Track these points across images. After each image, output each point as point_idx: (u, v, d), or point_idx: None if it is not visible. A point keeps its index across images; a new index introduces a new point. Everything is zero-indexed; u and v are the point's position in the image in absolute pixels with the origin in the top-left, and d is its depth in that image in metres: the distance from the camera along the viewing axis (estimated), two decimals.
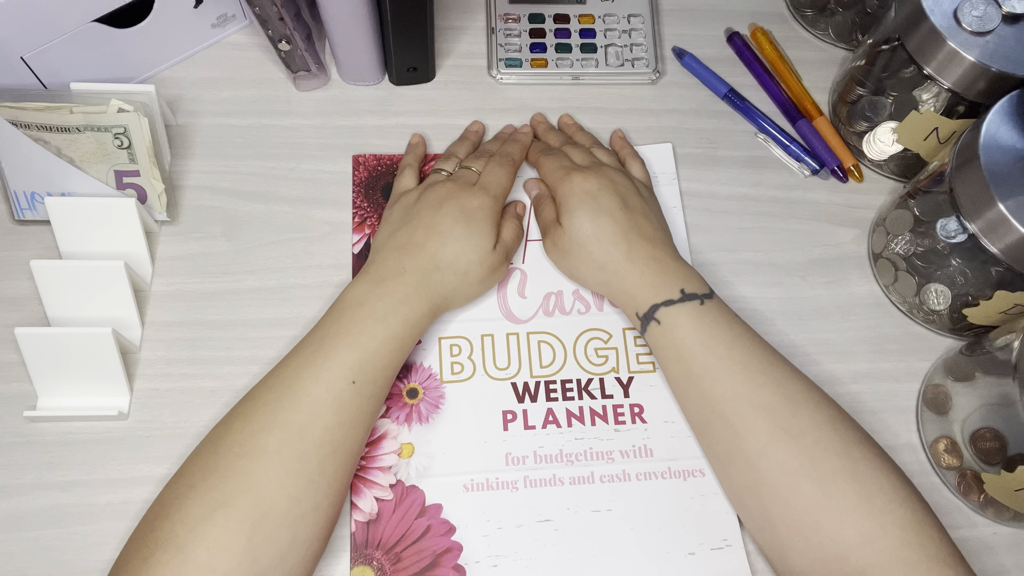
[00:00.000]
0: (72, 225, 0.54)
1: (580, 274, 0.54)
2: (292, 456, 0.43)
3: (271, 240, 0.57)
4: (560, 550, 0.50)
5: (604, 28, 0.65)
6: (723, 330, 0.49)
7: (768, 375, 0.47)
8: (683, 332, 0.49)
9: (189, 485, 0.43)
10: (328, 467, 0.45)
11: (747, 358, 0.48)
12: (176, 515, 0.41)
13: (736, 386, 0.47)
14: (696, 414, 0.50)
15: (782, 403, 0.46)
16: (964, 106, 0.53)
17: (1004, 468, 0.48)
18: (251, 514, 0.41)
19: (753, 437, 0.46)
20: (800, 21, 0.68)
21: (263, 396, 0.46)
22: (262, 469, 0.43)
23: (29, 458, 0.50)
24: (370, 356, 0.47)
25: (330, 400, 0.45)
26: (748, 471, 0.46)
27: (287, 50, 0.58)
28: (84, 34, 0.55)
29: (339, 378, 0.46)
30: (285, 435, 0.44)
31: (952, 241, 0.51)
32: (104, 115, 0.53)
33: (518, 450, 0.52)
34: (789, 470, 0.44)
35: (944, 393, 0.53)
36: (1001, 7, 0.50)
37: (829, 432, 0.45)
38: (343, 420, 0.46)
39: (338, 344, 0.47)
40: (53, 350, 0.50)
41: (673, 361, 0.50)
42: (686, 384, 0.49)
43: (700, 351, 0.48)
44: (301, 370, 0.46)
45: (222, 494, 0.42)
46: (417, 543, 0.49)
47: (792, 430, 0.45)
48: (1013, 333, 0.48)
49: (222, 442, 0.44)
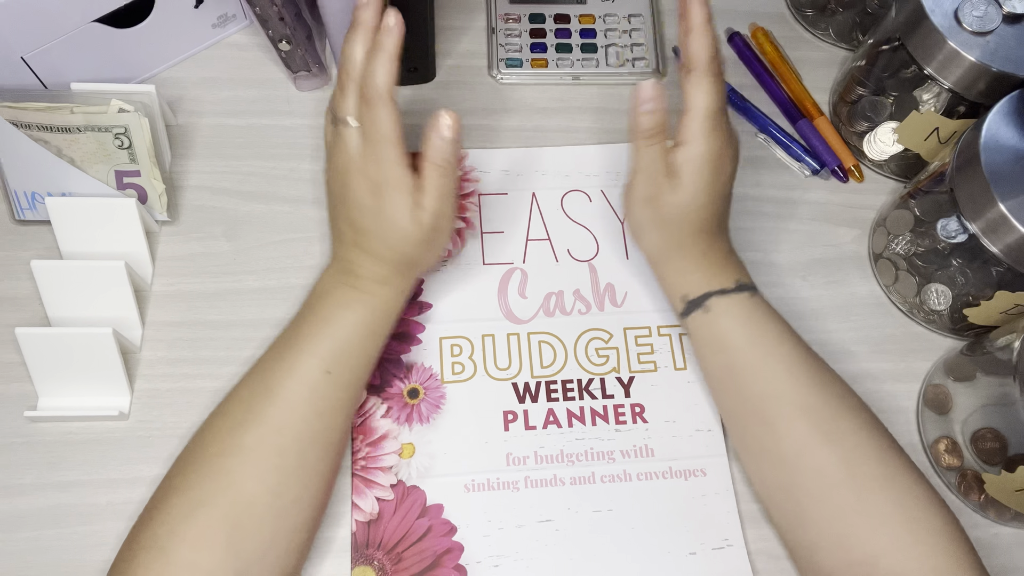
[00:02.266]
0: (72, 225, 0.54)
1: (653, 242, 0.50)
2: (270, 451, 0.44)
3: (271, 240, 0.57)
4: (561, 550, 0.50)
5: (605, 28, 0.65)
6: (770, 326, 0.48)
7: (810, 376, 0.47)
8: (731, 324, 0.48)
9: (169, 487, 0.43)
10: (308, 459, 0.45)
11: (792, 356, 0.47)
12: (158, 517, 0.42)
13: (779, 384, 0.46)
14: (732, 408, 0.49)
15: (823, 406, 0.46)
16: (964, 106, 0.53)
17: (1005, 468, 0.48)
18: (231, 511, 0.42)
19: (792, 438, 0.45)
20: (800, 21, 0.68)
21: (240, 393, 0.46)
22: (240, 466, 0.43)
23: (29, 458, 0.50)
24: (342, 345, 0.46)
25: (305, 392, 0.45)
26: (783, 471, 0.46)
27: (287, 50, 0.58)
28: (84, 34, 0.55)
29: (312, 369, 0.45)
30: (262, 430, 0.44)
31: (952, 241, 0.51)
32: (104, 115, 0.53)
33: (519, 450, 0.52)
34: (826, 473, 0.44)
35: (944, 393, 0.53)
36: (1002, 7, 0.50)
37: (866, 438, 0.45)
38: (320, 411, 0.45)
39: (310, 336, 0.47)
40: (53, 350, 0.50)
41: (715, 352, 0.49)
42: (725, 377, 0.48)
43: (746, 345, 0.47)
44: (275, 364, 0.46)
45: (201, 493, 0.42)
46: (418, 543, 0.49)
47: (832, 433, 0.45)
48: (1014, 333, 0.48)
49: (201, 442, 0.45)
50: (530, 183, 0.60)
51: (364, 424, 0.52)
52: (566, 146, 0.62)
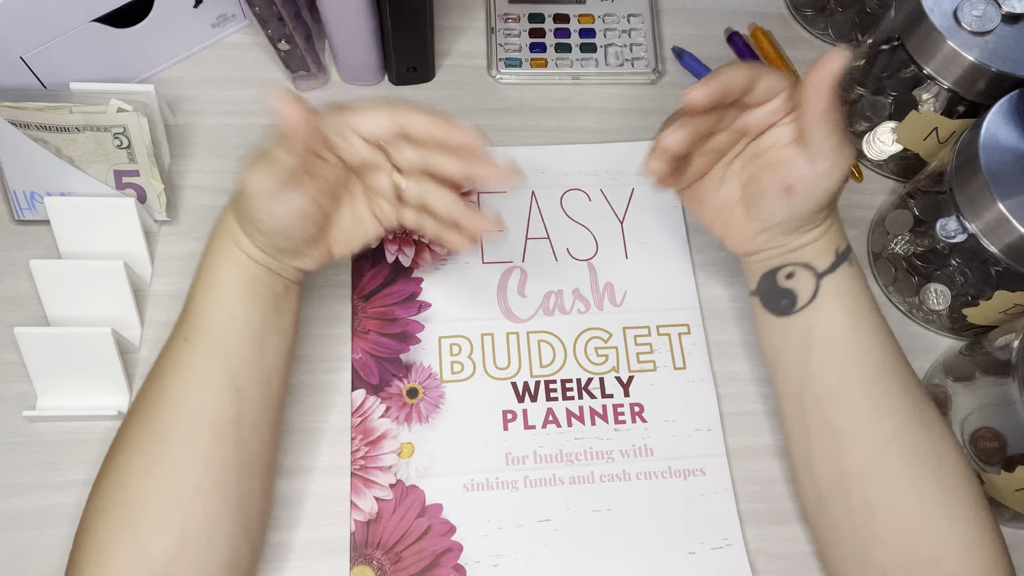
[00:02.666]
0: (72, 225, 0.54)
1: (791, 224, 0.45)
2: (151, 440, 0.42)
3: None
4: (560, 550, 0.50)
5: (604, 28, 0.65)
6: (868, 293, 0.46)
7: (905, 357, 0.46)
8: (862, 282, 0.46)
9: (81, 547, 0.41)
10: (190, 439, 0.42)
11: (888, 329, 0.46)
12: (75, 545, 0.41)
13: (892, 356, 0.45)
14: (832, 378, 0.45)
15: (919, 389, 0.45)
16: (964, 106, 0.53)
17: (1004, 468, 0.48)
18: (127, 511, 0.40)
19: (893, 415, 0.43)
20: (800, 21, 0.68)
21: (136, 399, 0.45)
22: (126, 462, 0.42)
23: (29, 458, 0.50)
24: (193, 306, 0.44)
25: (169, 365, 0.43)
26: (874, 450, 0.43)
27: (287, 50, 0.58)
28: (84, 34, 0.55)
29: (173, 339, 0.44)
30: (141, 417, 0.43)
31: (952, 241, 0.51)
32: (103, 115, 0.53)
33: (518, 450, 0.52)
34: (916, 459, 0.43)
35: (944, 393, 0.53)
36: (1001, 7, 0.50)
37: (944, 429, 0.44)
38: (188, 384, 0.43)
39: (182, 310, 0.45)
40: (53, 350, 0.50)
41: (845, 312, 0.45)
42: (844, 340, 0.44)
43: (873, 305, 0.46)
44: (160, 356, 0.45)
45: (98, 501, 0.41)
46: (417, 543, 0.49)
47: (925, 420, 0.44)
48: (1013, 333, 0.48)
49: (100, 507, 0.42)
50: (529, 182, 0.60)
51: (363, 424, 0.52)
52: (565, 145, 0.62)
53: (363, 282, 0.56)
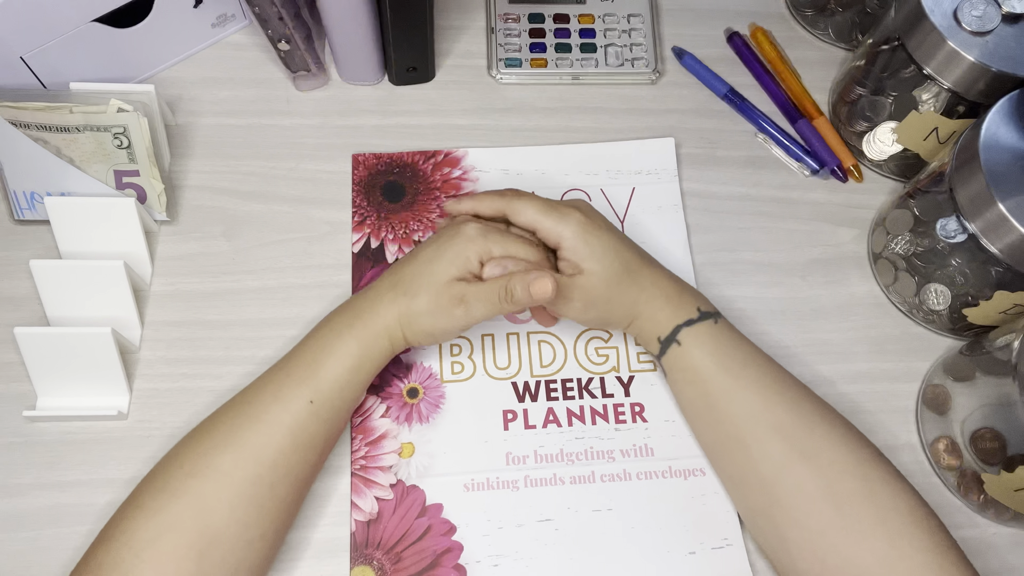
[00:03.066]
0: (72, 225, 0.54)
1: (613, 314, 0.50)
2: (244, 479, 0.43)
3: (271, 240, 0.57)
4: (561, 550, 0.50)
5: (604, 28, 0.65)
6: (736, 349, 0.49)
7: (782, 395, 0.47)
8: (701, 352, 0.48)
9: (137, 506, 0.42)
10: (279, 491, 0.44)
11: (760, 377, 0.47)
12: (122, 537, 0.41)
13: (751, 406, 0.47)
14: (711, 436, 0.49)
15: (796, 423, 0.46)
16: (964, 106, 0.53)
17: (1004, 468, 0.48)
18: (199, 539, 0.41)
19: (768, 459, 0.45)
20: (800, 21, 0.68)
21: (222, 415, 0.45)
22: (213, 490, 0.42)
23: (29, 458, 0.50)
24: (327, 375, 0.46)
25: (287, 420, 0.45)
26: (763, 493, 0.46)
27: (287, 50, 0.58)
28: (84, 34, 0.55)
29: (297, 397, 0.45)
30: (239, 455, 0.43)
31: (952, 241, 0.51)
32: (104, 115, 0.53)
33: (518, 449, 0.52)
34: (804, 492, 0.44)
35: (944, 393, 0.53)
36: (1001, 7, 0.50)
37: (844, 452, 0.45)
38: (299, 443, 0.45)
39: (299, 362, 0.47)
40: (53, 350, 0.50)
41: (688, 383, 0.49)
42: (701, 406, 0.49)
43: (716, 371, 0.48)
44: (260, 390, 0.46)
45: (170, 517, 0.41)
46: (418, 543, 0.49)
47: (807, 451, 0.45)
48: (1013, 333, 0.48)
49: (174, 461, 0.44)
50: (529, 182, 0.60)
51: (363, 424, 0.52)
52: (565, 145, 0.62)
53: (363, 282, 0.56)
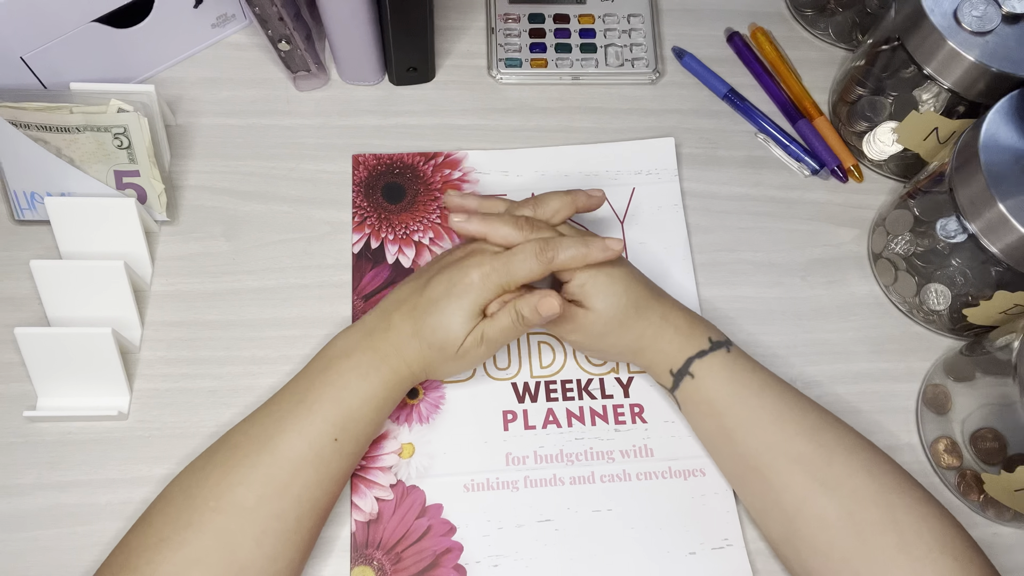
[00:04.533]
0: (72, 225, 0.54)
1: (616, 348, 0.50)
2: (270, 514, 0.43)
3: (271, 240, 0.57)
4: (561, 550, 0.50)
5: (604, 28, 0.65)
6: (750, 378, 0.48)
7: (799, 423, 0.46)
8: (715, 383, 0.48)
9: (160, 538, 0.41)
10: (304, 524, 0.44)
11: (777, 406, 0.47)
12: (146, 568, 0.40)
13: (768, 437, 0.46)
14: (732, 468, 0.49)
15: (816, 452, 0.45)
16: (964, 106, 0.53)
17: (1004, 468, 0.48)
18: (225, 573, 0.41)
19: (789, 491, 0.45)
20: (800, 21, 0.68)
21: (244, 447, 0.45)
22: (239, 526, 0.42)
23: (29, 458, 0.50)
24: (352, 414, 0.46)
25: (312, 457, 0.44)
26: (785, 523, 0.45)
27: (287, 50, 0.58)
28: (84, 34, 0.55)
29: (322, 434, 0.45)
30: (264, 491, 0.43)
31: (952, 241, 0.51)
32: (104, 115, 0.53)
33: (518, 450, 0.52)
34: (826, 522, 0.44)
35: (944, 393, 0.53)
36: (1001, 7, 0.50)
37: (866, 480, 0.44)
38: (323, 478, 0.45)
39: (322, 397, 0.46)
40: (53, 350, 0.50)
41: (705, 416, 0.49)
42: (720, 439, 0.49)
43: (732, 402, 0.47)
44: (284, 422, 0.45)
45: (196, 551, 0.41)
46: (418, 543, 0.49)
47: (828, 481, 0.44)
48: (1013, 333, 0.48)
49: (197, 493, 0.43)
50: (530, 184, 0.60)
51: None
52: (566, 146, 0.62)
53: (363, 282, 0.56)
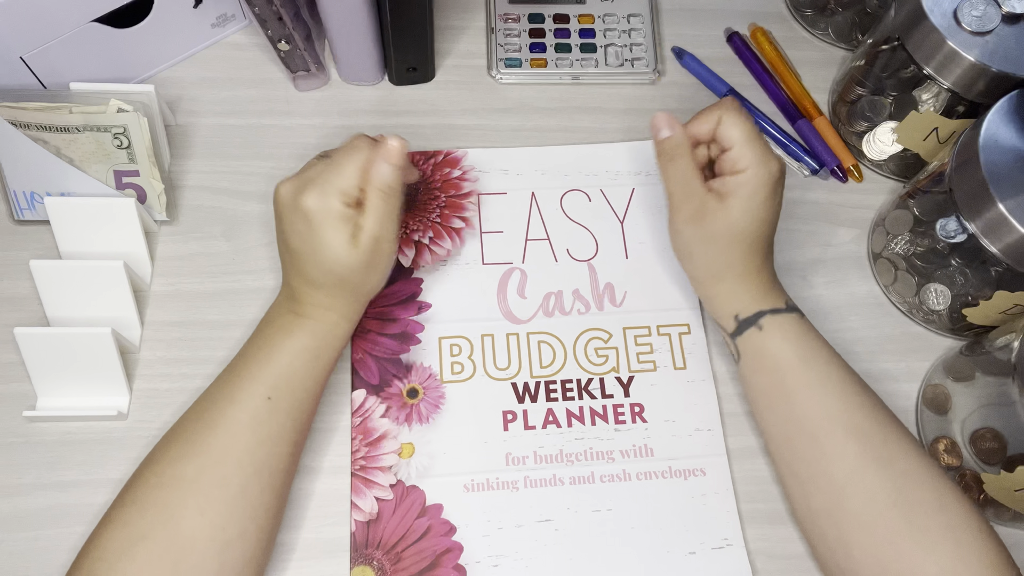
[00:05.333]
0: (72, 225, 0.54)
1: (704, 261, 0.49)
2: (211, 482, 0.43)
3: (270, 240, 0.57)
4: (560, 550, 0.50)
5: (604, 28, 0.65)
6: (820, 345, 0.48)
7: (862, 398, 0.46)
8: (784, 342, 0.47)
9: (108, 520, 0.42)
10: (252, 490, 0.44)
11: (844, 377, 0.47)
12: (95, 552, 0.41)
13: (831, 405, 0.46)
14: (781, 429, 0.48)
15: (874, 428, 0.45)
16: (964, 106, 0.53)
17: (1004, 468, 0.48)
18: (171, 546, 0.41)
19: (843, 460, 0.45)
20: (800, 21, 0.68)
21: (183, 423, 0.45)
22: (179, 498, 0.42)
23: (29, 458, 0.50)
24: (283, 370, 0.46)
25: (246, 419, 0.44)
26: (831, 494, 0.45)
27: (287, 50, 0.58)
28: (84, 34, 0.55)
29: (253, 395, 0.45)
30: (202, 461, 0.43)
31: (952, 241, 0.51)
32: (103, 115, 0.53)
33: (518, 450, 0.52)
34: (875, 498, 0.43)
35: (944, 393, 0.53)
36: (1001, 7, 0.50)
37: (917, 463, 0.44)
38: (262, 439, 0.45)
39: (250, 363, 0.46)
40: (53, 350, 0.50)
41: (766, 372, 0.48)
42: (776, 397, 0.48)
43: (798, 363, 0.47)
44: (216, 394, 0.46)
45: (140, 527, 0.41)
46: (417, 543, 0.49)
47: (882, 457, 0.44)
48: (1013, 333, 0.48)
49: (141, 475, 0.44)
50: (529, 183, 0.60)
51: (363, 424, 0.52)
52: (565, 145, 0.62)
53: None
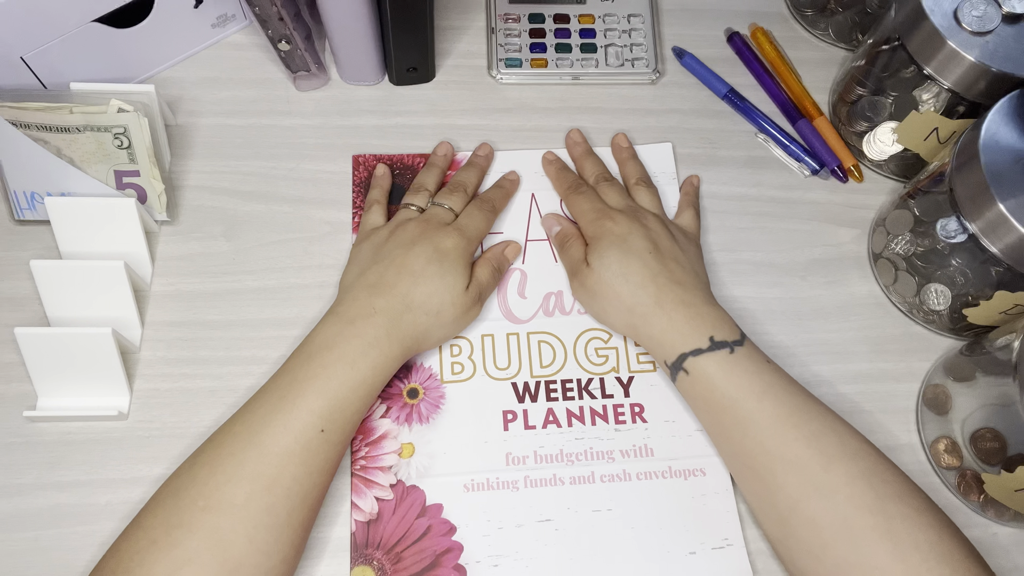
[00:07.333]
0: (72, 225, 0.54)
1: (608, 317, 0.53)
2: (260, 509, 0.43)
3: (271, 240, 0.57)
4: (560, 550, 0.50)
5: (604, 28, 0.65)
6: (752, 381, 0.47)
7: (799, 429, 0.46)
8: (712, 383, 0.48)
9: (151, 540, 0.41)
10: (296, 517, 0.44)
11: (777, 411, 0.47)
12: (139, 571, 0.40)
13: (765, 440, 0.46)
14: (730, 463, 0.50)
15: (814, 458, 0.45)
16: (964, 106, 0.53)
17: (1004, 468, 0.48)
18: (219, 571, 0.41)
19: (783, 493, 0.45)
20: (800, 21, 0.68)
21: (229, 445, 0.44)
22: (229, 524, 0.42)
23: (29, 458, 0.50)
24: (339, 403, 0.46)
25: (298, 450, 0.44)
26: (779, 525, 0.46)
27: (287, 50, 0.58)
28: (84, 34, 0.55)
29: (308, 427, 0.45)
30: (253, 487, 0.43)
31: (952, 241, 0.51)
32: (104, 115, 0.53)
33: (518, 450, 0.52)
34: (819, 527, 0.44)
35: (944, 393, 0.53)
36: (1001, 7, 0.50)
37: (863, 488, 0.44)
38: (311, 470, 0.45)
39: (306, 390, 0.45)
40: (53, 350, 0.50)
41: (704, 412, 0.49)
42: (718, 434, 0.49)
43: (729, 403, 0.47)
44: (269, 418, 0.45)
45: (187, 551, 0.41)
46: (418, 543, 0.49)
47: (824, 487, 0.44)
48: (1013, 333, 0.48)
49: (186, 494, 0.43)
50: (529, 183, 0.60)
51: (363, 424, 0.52)
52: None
53: None
